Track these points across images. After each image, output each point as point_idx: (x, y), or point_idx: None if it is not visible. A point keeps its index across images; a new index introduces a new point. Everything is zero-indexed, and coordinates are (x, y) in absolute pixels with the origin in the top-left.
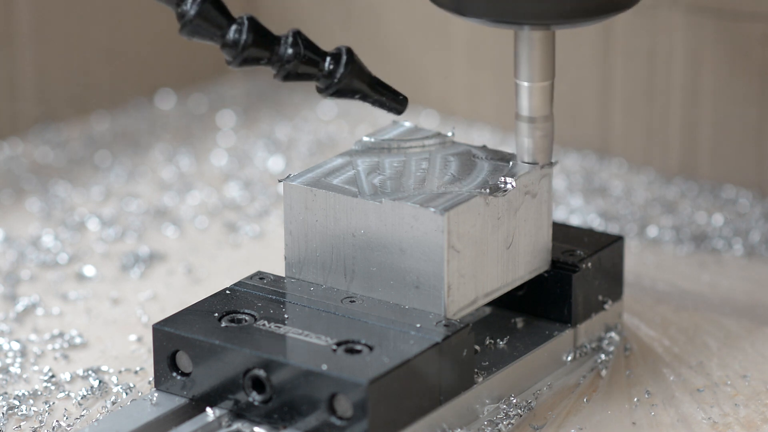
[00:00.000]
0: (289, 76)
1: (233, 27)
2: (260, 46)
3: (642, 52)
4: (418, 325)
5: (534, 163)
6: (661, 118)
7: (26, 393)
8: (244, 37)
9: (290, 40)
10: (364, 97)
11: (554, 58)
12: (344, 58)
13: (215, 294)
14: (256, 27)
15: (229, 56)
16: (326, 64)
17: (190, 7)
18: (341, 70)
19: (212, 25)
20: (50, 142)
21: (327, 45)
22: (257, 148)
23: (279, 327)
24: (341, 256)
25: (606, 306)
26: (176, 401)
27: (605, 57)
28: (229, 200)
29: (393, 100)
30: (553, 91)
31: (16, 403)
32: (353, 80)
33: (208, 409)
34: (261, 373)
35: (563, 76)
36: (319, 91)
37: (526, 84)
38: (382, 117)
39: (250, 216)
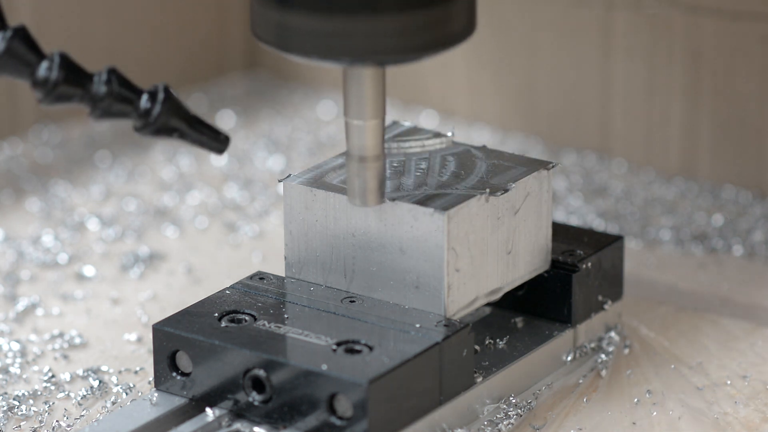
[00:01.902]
0: (105, 115)
1: (44, 64)
2: (72, 83)
3: (642, 52)
4: (418, 325)
5: (365, 206)
6: (661, 118)
7: (26, 393)
8: (54, 74)
9: (104, 77)
10: (183, 135)
11: (384, 95)
12: (161, 96)
13: (215, 294)
14: (67, 64)
15: (41, 94)
16: (142, 103)
17: None
18: (158, 108)
19: (21, 62)
20: (50, 142)
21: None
22: (257, 148)
23: (279, 327)
24: (341, 256)
25: (606, 306)
26: (176, 401)
27: (605, 57)
28: (229, 200)
29: (213, 139)
30: (384, 129)
31: (16, 403)
32: (170, 118)
33: (208, 409)
34: (261, 373)
35: (563, 76)
36: (136, 130)
37: (357, 122)
38: None
39: (250, 216)
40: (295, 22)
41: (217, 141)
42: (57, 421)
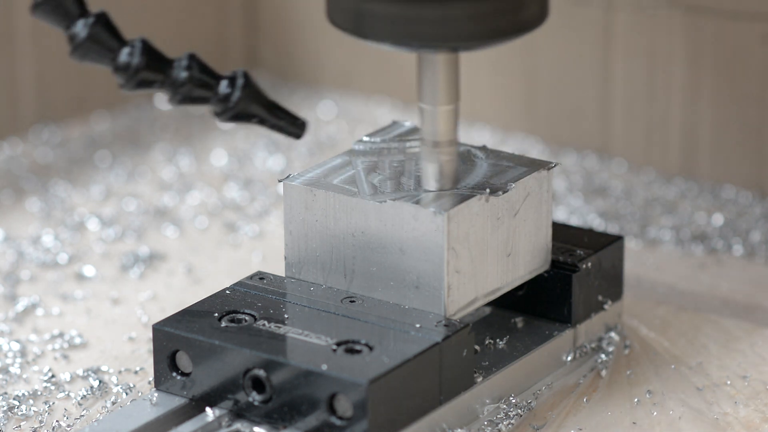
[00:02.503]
0: (184, 100)
1: (125, 50)
2: (153, 69)
3: (642, 52)
4: (418, 325)
5: (440, 190)
6: (661, 118)
7: (26, 393)
8: (136, 60)
9: (184, 63)
10: (262, 121)
11: (458, 80)
12: (240, 81)
13: (215, 294)
14: (148, 50)
15: (122, 80)
16: (221, 88)
17: (81, 30)
18: (237, 93)
19: (103, 47)
20: (50, 142)
21: (327, 45)
22: (257, 148)
23: (279, 327)
24: (341, 256)
25: (606, 306)
26: (176, 401)
27: (605, 57)
28: (229, 200)
29: (291, 124)
30: (458, 114)
31: (16, 403)
32: (250, 104)
33: (208, 409)
34: (261, 373)
35: (563, 76)
36: (216, 115)
37: (430, 108)
38: (382, 117)
39: (250, 216)
40: (371, 8)
41: (295, 126)
42: (57, 421)
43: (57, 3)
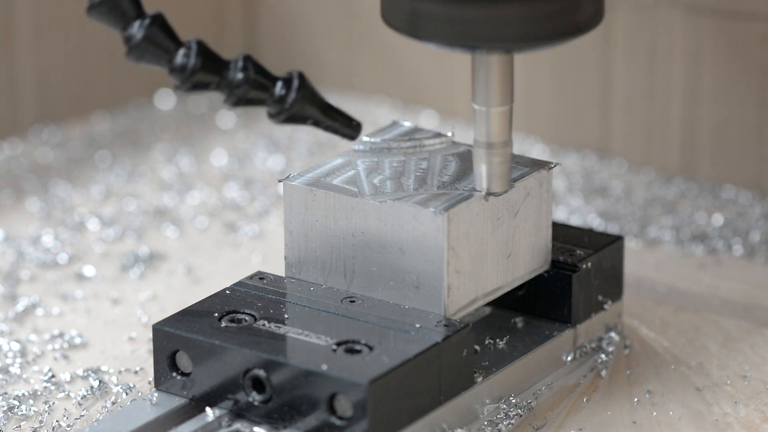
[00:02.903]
0: (240, 102)
1: (181, 51)
2: (209, 70)
3: (642, 52)
4: (418, 325)
5: (491, 194)
6: (661, 118)
7: (26, 393)
8: (192, 61)
9: (240, 64)
10: (317, 123)
11: (513, 82)
12: (295, 83)
13: (215, 294)
14: (204, 51)
15: (178, 81)
16: (277, 89)
17: (137, 31)
18: (293, 95)
19: (160, 48)
20: (50, 142)
21: (328, 44)
22: (257, 148)
23: (279, 327)
24: (341, 256)
25: (606, 306)
26: (176, 401)
27: (605, 57)
28: (229, 200)
29: (346, 126)
30: (512, 116)
31: (16, 403)
32: (305, 106)
33: (208, 409)
34: (261, 373)
35: (563, 76)
36: (271, 116)
37: (483, 109)
38: (382, 117)
39: (250, 216)
40: (425, 9)
41: (350, 128)
42: (57, 421)
43: (113, 4)
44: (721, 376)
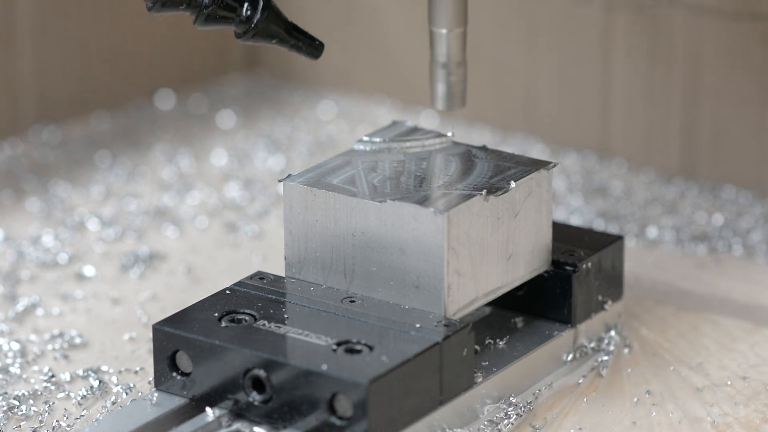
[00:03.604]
0: (207, 21)
1: None
2: None
3: (642, 52)
4: (418, 325)
5: (449, 110)
6: (661, 118)
7: (26, 393)
8: None
9: None
10: (281, 42)
11: (467, 6)
12: (261, 3)
13: (215, 294)
14: None
15: (150, 2)
16: (244, 10)
17: None
18: (258, 15)
19: None
20: (50, 142)
21: (328, 44)
22: (257, 148)
23: (279, 327)
24: (341, 256)
25: (606, 306)
26: (176, 401)
27: (605, 57)
28: (229, 200)
29: (309, 45)
30: (466, 37)
31: (16, 403)
32: (270, 25)
33: (208, 409)
34: (261, 373)
35: (563, 76)
36: (237, 36)
37: (443, 31)
38: (382, 117)
39: (250, 216)
40: None
41: (313, 47)
42: (57, 421)
43: None
44: (720, 377)
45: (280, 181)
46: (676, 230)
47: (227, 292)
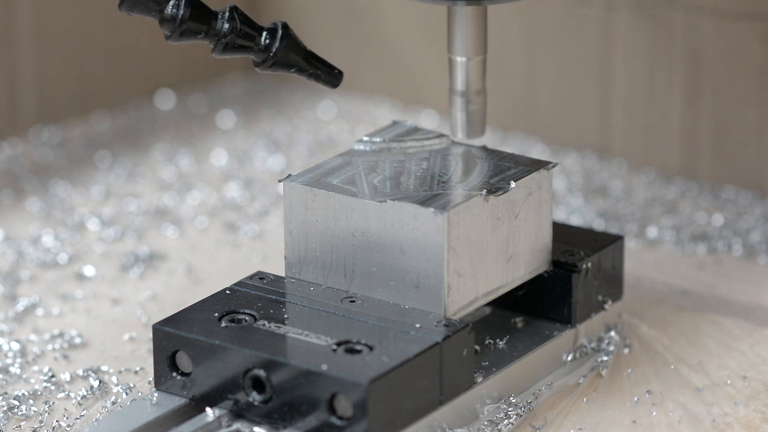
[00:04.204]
0: (227, 50)
1: (171, 2)
2: (197, 20)
3: (642, 52)
4: (418, 325)
5: (469, 138)
6: (661, 118)
7: (26, 393)
8: (181, 12)
9: (227, 14)
10: (300, 71)
11: (486, 33)
12: (280, 32)
13: (215, 294)
14: (193, 2)
15: (168, 30)
16: (263, 39)
17: None
18: (277, 44)
19: (150, 0)
20: (50, 142)
21: (328, 44)
22: (257, 148)
23: (279, 327)
24: (341, 256)
25: (606, 306)
26: (176, 401)
27: (605, 57)
28: (229, 200)
29: (328, 74)
30: (486, 65)
31: (16, 403)
32: (289, 54)
33: (208, 409)
34: (261, 373)
35: (563, 76)
36: (256, 65)
37: (461, 59)
38: (382, 117)
39: (250, 216)
40: None
41: (332, 75)
42: (57, 421)
43: None
44: (721, 376)
45: (280, 181)
46: (676, 230)
47: (227, 292)
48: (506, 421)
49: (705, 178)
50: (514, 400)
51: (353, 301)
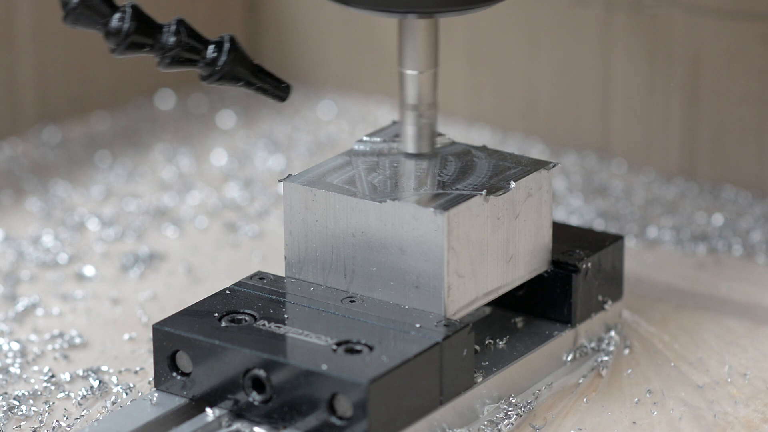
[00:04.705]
0: (172, 64)
1: (116, 15)
2: (143, 33)
3: (642, 52)
4: (418, 325)
5: (418, 153)
6: (661, 118)
7: (26, 393)
8: (126, 25)
9: (173, 28)
10: (248, 85)
11: (438, 46)
12: (227, 45)
13: (215, 294)
14: (138, 15)
15: (113, 44)
16: (209, 52)
17: None
18: (223, 57)
19: (95, 12)
20: (50, 142)
21: (328, 44)
22: (257, 148)
23: (279, 327)
24: (341, 256)
25: (606, 306)
26: (176, 401)
27: (605, 57)
28: (229, 200)
29: (276, 88)
30: (437, 79)
31: (16, 403)
32: (236, 67)
33: (208, 409)
34: (261, 373)
35: (563, 76)
36: (202, 78)
37: (412, 73)
38: (382, 117)
39: (250, 216)
40: None
41: (279, 89)
42: (57, 421)
43: None
44: (721, 376)
45: (280, 181)
46: (676, 230)
47: (227, 292)
48: (506, 421)
49: (705, 178)
50: (514, 400)
51: (353, 301)
